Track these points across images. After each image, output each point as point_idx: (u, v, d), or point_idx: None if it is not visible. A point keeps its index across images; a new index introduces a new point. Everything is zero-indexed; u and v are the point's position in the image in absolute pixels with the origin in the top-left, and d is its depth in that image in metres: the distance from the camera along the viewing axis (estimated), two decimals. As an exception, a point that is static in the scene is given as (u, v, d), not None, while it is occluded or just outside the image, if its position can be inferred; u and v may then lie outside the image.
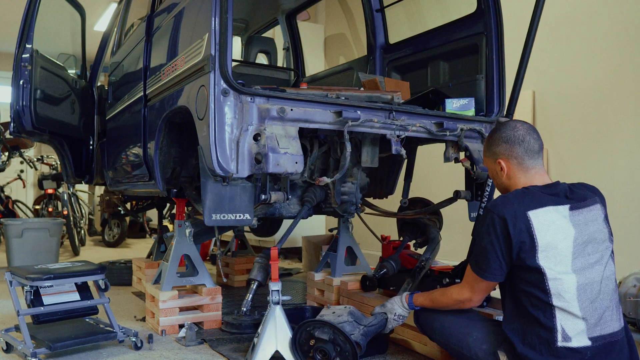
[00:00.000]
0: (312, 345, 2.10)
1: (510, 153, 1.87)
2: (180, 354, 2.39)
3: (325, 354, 2.07)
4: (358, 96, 2.43)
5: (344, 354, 2.04)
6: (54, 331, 2.40)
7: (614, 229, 1.70)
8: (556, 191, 1.80)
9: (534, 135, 1.88)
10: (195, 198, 2.83)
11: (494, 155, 1.93)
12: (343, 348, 2.04)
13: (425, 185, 4.00)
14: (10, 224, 4.55)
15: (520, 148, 1.86)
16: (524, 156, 1.86)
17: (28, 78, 3.48)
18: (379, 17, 3.49)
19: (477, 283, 1.83)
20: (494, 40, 2.69)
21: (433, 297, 2.02)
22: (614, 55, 3.38)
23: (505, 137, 1.89)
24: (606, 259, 1.76)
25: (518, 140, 1.87)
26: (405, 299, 2.15)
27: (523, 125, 1.90)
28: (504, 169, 1.89)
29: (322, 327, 2.09)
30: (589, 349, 1.64)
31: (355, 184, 2.89)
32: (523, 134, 1.87)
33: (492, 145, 1.93)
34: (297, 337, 2.14)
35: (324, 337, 2.07)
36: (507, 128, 1.91)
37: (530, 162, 1.86)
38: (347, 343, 2.04)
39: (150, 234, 7.33)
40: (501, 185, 1.95)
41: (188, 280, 2.84)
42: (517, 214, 1.71)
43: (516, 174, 1.88)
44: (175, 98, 2.43)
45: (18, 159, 6.23)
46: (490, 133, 1.98)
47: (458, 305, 1.93)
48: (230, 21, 2.10)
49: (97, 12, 7.40)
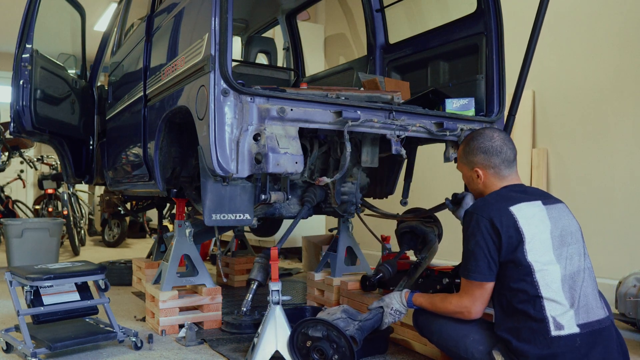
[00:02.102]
0: (309, 346, 2.10)
1: (488, 163, 1.97)
2: (180, 354, 2.39)
3: (322, 353, 2.07)
4: (358, 96, 2.43)
5: (341, 349, 2.03)
6: (54, 331, 2.40)
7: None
8: (525, 189, 1.93)
9: (510, 145, 1.98)
10: (195, 198, 2.83)
11: (470, 163, 2.02)
12: (338, 344, 2.04)
13: (425, 185, 4.00)
14: (10, 224, 4.55)
15: (497, 159, 1.96)
16: (500, 166, 1.96)
17: (28, 78, 3.48)
18: (379, 17, 3.49)
19: (471, 288, 1.84)
20: (494, 40, 2.68)
21: (433, 301, 2.01)
22: (614, 55, 3.38)
23: (483, 148, 1.97)
24: (583, 250, 1.84)
25: (496, 151, 1.96)
26: (405, 296, 2.14)
27: (499, 135, 1.99)
28: (481, 177, 1.99)
29: (316, 325, 2.09)
30: (578, 336, 1.68)
31: (355, 184, 2.89)
32: (500, 145, 1.96)
33: (469, 154, 2.02)
34: (294, 340, 2.14)
35: (317, 334, 2.07)
36: (484, 138, 1.99)
37: (507, 170, 1.97)
38: (342, 338, 2.03)
39: (150, 234, 7.33)
40: (476, 190, 2.05)
41: (188, 280, 2.84)
42: (501, 211, 1.79)
43: (493, 182, 1.98)
44: (175, 98, 2.43)
45: (18, 159, 6.23)
46: (465, 141, 2.06)
47: (456, 315, 1.90)
48: (230, 21, 2.10)
49: (97, 12, 7.40)
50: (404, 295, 2.14)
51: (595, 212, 3.46)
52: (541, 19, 2.31)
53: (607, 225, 3.39)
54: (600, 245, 3.42)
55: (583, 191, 3.53)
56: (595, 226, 3.45)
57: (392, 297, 2.17)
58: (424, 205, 3.04)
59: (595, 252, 3.44)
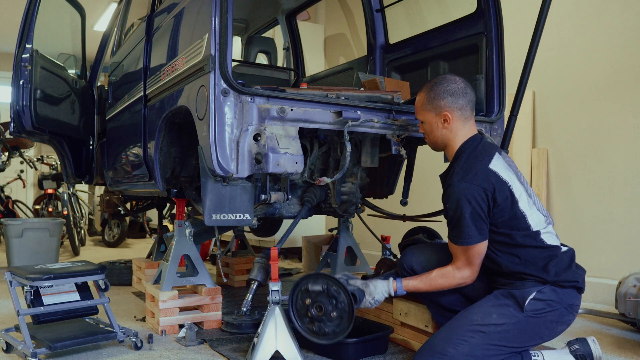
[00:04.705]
0: (308, 304, 2.07)
1: (455, 105, 2.04)
2: (180, 354, 2.39)
3: (321, 309, 2.03)
4: (358, 96, 2.43)
5: (340, 305, 2.00)
6: (54, 331, 2.40)
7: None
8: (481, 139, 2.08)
9: (470, 87, 2.08)
10: (195, 198, 2.83)
11: (438, 108, 2.06)
12: (338, 299, 2.01)
13: (425, 185, 4.00)
14: (10, 224, 4.55)
15: (464, 100, 2.04)
16: (467, 107, 2.05)
17: (28, 78, 3.48)
18: (379, 17, 3.49)
19: (469, 252, 1.93)
20: (494, 40, 2.69)
21: (430, 280, 2.00)
22: (614, 55, 3.39)
23: (450, 90, 2.04)
24: None
25: (462, 92, 2.04)
26: (393, 285, 2.05)
27: (460, 78, 2.08)
28: (448, 120, 2.05)
29: (316, 279, 2.07)
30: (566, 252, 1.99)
31: (355, 184, 2.89)
32: (464, 86, 2.05)
33: (435, 99, 2.06)
34: (294, 300, 2.11)
35: (317, 288, 2.04)
36: (448, 82, 2.06)
37: (470, 112, 2.07)
38: (342, 292, 2.00)
39: (150, 234, 7.32)
40: (439, 137, 2.10)
41: (188, 280, 2.84)
42: (488, 175, 1.91)
43: (457, 124, 2.05)
44: (175, 98, 2.43)
45: (18, 159, 6.24)
46: (428, 87, 2.10)
47: (460, 285, 1.98)
48: (230, 21, 2.10)
49: (97, 12, 7.40)
50: (392, 284, 2.06)
51: (595, 212, 3.46)
52: (543, 19, 2.31)
53: (607, 225, 3.39)
54: (600, 245, 3.42)
55: (583, 191, 3.53)
56: (595, 226, 3.45)
57: (376, 286, 2.07)
58: (424, 206, 3.05)
59: (595, 252, 3.45)
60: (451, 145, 2.09)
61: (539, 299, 1.88)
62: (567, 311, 1.92)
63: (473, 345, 1.85)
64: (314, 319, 2.08)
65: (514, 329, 1.88)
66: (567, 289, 1.92)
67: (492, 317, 1.89)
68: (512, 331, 1.88)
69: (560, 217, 3.60)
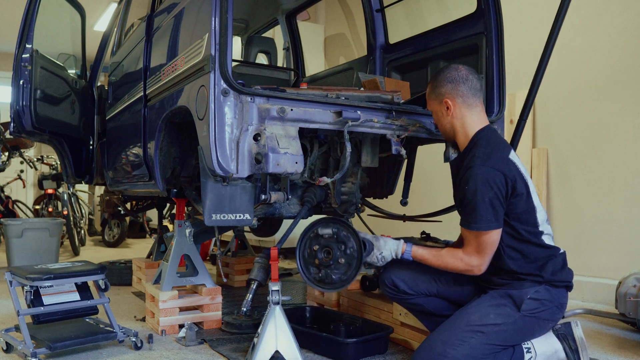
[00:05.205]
0: (316, 249, 2.03)
1: (456, 92, 2.03)
2: (180, 354, 2.39)
3: (329, 253, 1.98)
4: (358, 96, 2.43)
5: (349, 250, 1.95)
6: (54, 331, 2.40)
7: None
8: (496, 133, 2.08)
9: (476, 75, 2.06)
10: (195, 198, 2.83)
11: (439, 96, 2.07)
12: (347, 244, 1.96)
13: (425, 185, 4.00)
14: (10, 224, 4.55)
15: (464, 86, 2.02)
16: (468, 93, 2.03)
17: (28, 78, 3.48)
18: (379, 17, 3.49)
19: (482, 237, 1.90)
20: (494, 40, 2.68)
21: (439, 255, 1.98)
22: (614, 55, 3.39)
23: (450, 78, 2.04)
24: None
25: (462, 79, 2.03)
26: (402, 248, 2.04)
27: (464, 67, 2.06)
28: (450, 108, 2.04)
29: (327, 223, 2.01)
30: None
31: (355, 184, 2.89)
32: (466, 73, 2.04)
33: (437, 87, 2.07)
34: (301, 247, 2.06)
35: (327, 231, 1.98)
36: (450, 70, 2.06)
37: (474, 99, 2.04)
38: (353, 236, 1.93)
39: (150, 234, 7.32)
40: (447, 125, 2.09)
41: (188, 280, 2.84)
42: (509, 164, 1.91)
43: (462, 111, 2.04)
44: (175, 98, 2.43)
45: (18, 159, 6.24)
46: (433, 77, 2.11)
47: (466, 272, 1.95)
48: (230, 21, 2.10)
49: (97, 12, 7.41)
50: (401, 245, 2.05)
51: (595, 212, 3.46)
52: (561, 20, 2.31)
53: (607, 225, 3.39)
54: (600, 245, 3.42)
55: (583, 191, 3.53)
56: (595, 226, 3.45)
57: (386, 242, 2.06)
58: (424, 206, 3.05)
59: (595, 252, 3.45)
60: (460, 133, 2.07)
61: (535, 299, 1.91)
62: (558, 309, 1.96)
63: (472, 345, 1.86)
64: (321, 265, 2.03)
65: (511, 329, 1.89)
66: (559, 289, 1.95)
67: (490, 317, 1.89)
68: (510, 331, 1.89)
69: (560, 217, 3.60)
